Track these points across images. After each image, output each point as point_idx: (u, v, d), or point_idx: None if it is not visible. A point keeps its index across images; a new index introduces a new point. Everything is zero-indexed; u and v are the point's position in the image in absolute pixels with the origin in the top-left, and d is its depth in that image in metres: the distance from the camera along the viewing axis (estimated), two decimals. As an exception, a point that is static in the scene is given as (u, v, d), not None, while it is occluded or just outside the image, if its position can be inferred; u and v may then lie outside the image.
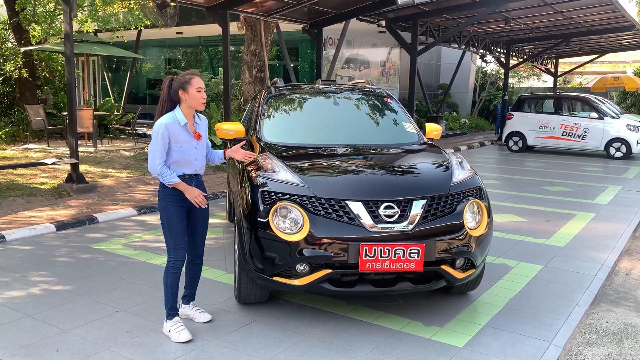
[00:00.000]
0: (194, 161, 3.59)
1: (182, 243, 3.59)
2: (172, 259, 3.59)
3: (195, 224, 3.71)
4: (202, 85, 3.52)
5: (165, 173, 3.48)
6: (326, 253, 3.52)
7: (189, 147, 3.55)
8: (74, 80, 8.02)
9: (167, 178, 3.49)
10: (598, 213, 7.70)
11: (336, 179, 3.91)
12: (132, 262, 5.21)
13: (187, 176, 3.59)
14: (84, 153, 11.88)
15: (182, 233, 3.59)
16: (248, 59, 12.14)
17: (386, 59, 20.83)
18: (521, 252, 5.72)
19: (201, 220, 3.74)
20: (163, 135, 3.45)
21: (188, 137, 3.55)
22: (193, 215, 3.68)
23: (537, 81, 30.36)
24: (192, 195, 3.53)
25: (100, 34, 16.58)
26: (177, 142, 3.51)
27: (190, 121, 3.57)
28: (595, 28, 17.45)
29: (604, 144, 14.45)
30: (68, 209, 7.11)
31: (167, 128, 3.46)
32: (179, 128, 3.51)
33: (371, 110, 5.35)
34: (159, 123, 3.49)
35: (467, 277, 3.88)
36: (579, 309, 4.25)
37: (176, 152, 3.52)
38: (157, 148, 3.46)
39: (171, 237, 3.57)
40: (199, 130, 3.63)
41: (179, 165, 3.55)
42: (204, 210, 3.71)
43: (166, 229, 3.59)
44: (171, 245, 3.58)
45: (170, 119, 3.50)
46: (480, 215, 3.91)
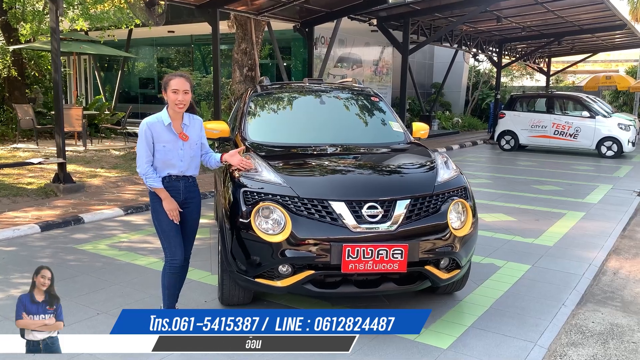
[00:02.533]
0: (178, 162, 3.54)
1: (178, 241, 3.56)
2: (168, 258, 3.57)
3: (183, 227, 3.66)
4: (178, 87, 3.43)
5: (149, 174, 3.47)
6: (309, 254, 3.47)
7: (172, 147, 3.51)
8: (60, 78, 7.95)
9: (149, 180, 3.48)
10: (588, 212, 7.69)
11: (319, 179, 3.87)
12: (116, 263, 5.15)
13: (174, 177, 3.56)
14: (73, 152, 11.81)
15: (176, 232, 3.56)
16: (239, 57, 12.06)
17: (379, 58, 20.80)
18: (509, 251, 5.69)
19: (190, 223, 3.69)
20: (146, 135, 3.47)
21: (172, 137, 3.51)
22: (183, 217, 3.64)
23: (530, 80, 30.42)
24: (167, 206, 3.51)
25: (90, 33, 16.48)
26: (160, 142, 3.49)
27: (176, 121, 3.53)
28: (587, 27, 17.47)
29: (596, 143, 14.47)
30: (54, 209, 7.03)
31: (149, 127, 3.47)
32: (162, 128, 3.49)
33: (358, 109, 5.31)
34: (142, 123, 3.52)
35: (452, 277, 3.84)
36: (565, 309, 4.22)
37: (159, 152, 3.50)
38: (142, 147, 3.48)
39: (165, 238, 3.56)
40: (188, 132, 3.57)
41: (164, 166, 3.52)
42: (194, 213, 3.69)
43: (159, 229, 3.58)
44: (166, 245, 3.58)
45: (154, 119, 3.51)
46: (465, 215, 3.87)
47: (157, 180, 3.48)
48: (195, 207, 3.72)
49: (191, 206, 3.67)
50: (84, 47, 12.91)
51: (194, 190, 3.69)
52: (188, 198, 3.63)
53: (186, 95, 3.47)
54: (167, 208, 3.50)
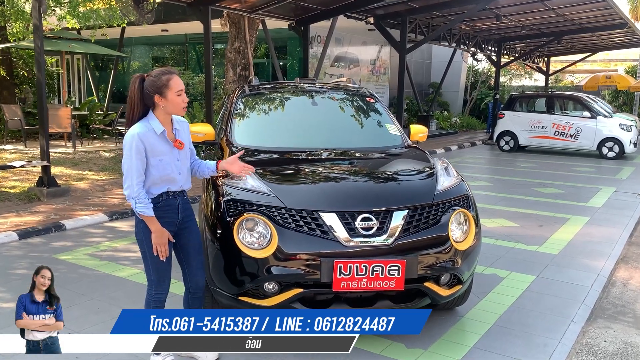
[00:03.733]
0: (177, 176, 3.01)
1: (167, 274, 3.06)
2: (153, 292, 3.06)
3: (186, 250, 3.13)
4: (182, 87, 2.92)
5: (140, 197, 2.87)
6: (297, 271, 3.17)
7: (169, 159, 2.97)
8: (44, 77, 7.64)
9: (141, 206, 2.87)
10: (592, 217, 7.40)
11: (309, 188, 3.56)
12: (95, 274, 4.84)
13: (171, 194, 3.02)
14: (61, 154, 11.49)
15: (168, 262, 3.02)
16: (232, 56, 11.76)
17: (376, 58, 20.50)
18: (512, 260, 5.40)
19: (193, 245, 3.15)
20: (137, 149, 2.85)
21: (167, 148, 2.96)
22: (184, 241, 3.12)
23: (529, 80, 30.15)
24: (157, 240, 2.93)
25: (83, 32, 16.15)
26: (156, 155, 2.91)
27: (167, 128, 2.98)
28: (587, 26, 17.19)
29: (597, 144, 14.19)
30: (35, 214, 6.71)
31: (141, 139, 2.86)
32: (156, 138, 2.91)
33: (352, 111, 5.00)
34: (130, 134, 2.87)
35: (454, 294, 3.54)
36: (574, 327, 3.93)
37: (155, 168, 2.92)
38: (133, 165, 2.85)
39: (154, 269, 3.01)
40: (180, 137, 3.04)
41: (162, 182, 2.97)
42: (193, 232, 3.15)
43: (147, 258, 3.01)
44: (153, 277, 3.03)
45: (144, 128, 2.89)
46: (468, 227, 3.57)
47: (149, 206, 2.89)
48: (192, 230, 3.16)
49: (190, 224, 3.14)
50: (73, 45, 12.59)
51: (189, 207, 3.16)
52: (186, 217, 3.11)
53: (185, 95, 3.00)
54: (156, 242, 2.93)
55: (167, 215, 3.02)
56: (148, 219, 2.92)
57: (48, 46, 12.49)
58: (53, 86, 16.90)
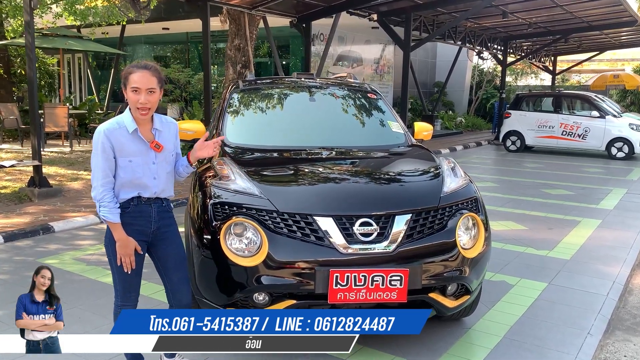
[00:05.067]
0: (151, 181, 2.70)
1: (135, 286, 2.80)
2: (119, 303, 2.80)
3: (165, 264, 2.84)
4: (139, 85, 2.58)
5: (105, 200, 2.61)
6: (289, 281, 2.90)
7: (142, 161, 2.68)
8: (35, 75, 7.39)
9: (104, 210, 2.62)
10: (604, 219, 7.09)
11: (303, 189, 3.28)
12: (79, 280, 4.58)
13: (145, 199, 2.72)
14: (57, 154, 11.27)
15: (135, 274, 2.76)
16: (232, 54, 11.48)
17: (380, 56, 20.19)
18: (522, 266, 5.11)
19: (173, 258, 2.83)
20: (103, 147, 2.60)
21: (141, 148, 2.67)
22: (161, 253, 2.83)
23: (535, 79, 29.78)
24: (122, 250, 2.67)
25: (82, 30, 15.93)
26: (125, 155, 2.64)
27: (144, 126, 2.69)
28: (595, 23, 16.85)
29: (606, 144, 13.84)
30: (23, 216, 6.46)
31: (108, 137, 2.61)
32: (127, 136, 2.64)
33: (352, 107, 4.72)
34: (97, 130, 2.65)
35: (461, 305, 3.26)
36: (591, 340, 3.63)
37: (124, 170, 2.65)
38: (98, 164, 2.61)
39: (119, 279, 2.76)
40: (160, 139, 2.73)
41: (132, 187, 2.69)
42: (172, 243, 2.83)
43: (114, 267, 2.75)
44: (119, 288, 2.78)
45: (113, 125, 2.64)
46: (476, 232, 3.29)
47: (114, 211, 2.63)
48: (172, 241, 2.84)
49: (168, 235, 2.83)
50: (70, 42, 12.34)
51: (169, 216, 2.84)
52: (162, 226, 2.80)
53: (151, 95, 2.61)
54: (120, 253, 2.68)
55: (138, 223, 2.73)
56: (112, 225, 2.67)
57: (44, 43, 12.29)
58: (53, 85, 16.68)
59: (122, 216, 2.68)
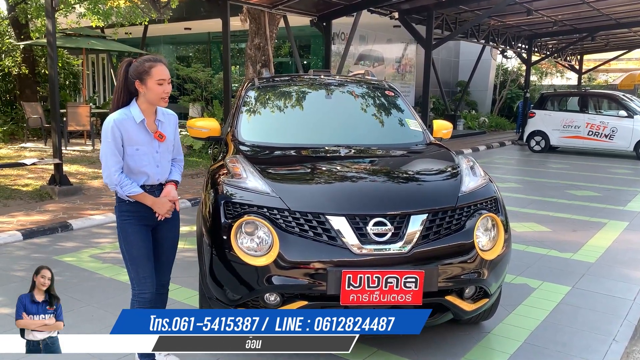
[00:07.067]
0: (154, 169, 2.87)
1: (148, 271, 2.90)
2: (136, 291, 2.90)
3: (161, 246, 2.99)
4: (164, 77, 2.77)
5: (124, 182, 2.78)
6: (300, 281, 2.82)
7: (147, 150, 2.84)
8: (56, 74, 7.43)
9: (127, 188, 2.79)
10: (631, 222, 6.87)
11: (315, 188, 3.21)
12: (95, 277, 4.58)
13: (147, 187, 2.87)
14: (79, 152, 11.40)
15: (147, 259, 2.89)
16: (252, 53, 11.46)
17: (402, 56, 20.02)
18: (545, 269, 4.95)
19: (169, 241, 3.02)
20: (114, 135, 2.76)
21: (146, 138, 2.84)
22: (160, 235, 2.98)
23: (560, 79, 29.22)
24: (162, 208, 2.85)
25: (106, 31, 16.12)
26: (132, 144, 2.81)
27: (149, 118, 2.86)
28: (623, 21, 16.43)
29: (634, 145, 13.46)
30: (43, 214, 6.51)
31: (118, 126, 2.77)
32: (135, 126, 2.80)
33: (369, 104, 4.62)
34: (107, 120, 2.79)
35: (479, 308, 3.15)
36: (616, 346, 3.49)
37: (131, 158, 2.81)
38: (110, 151, 2.77)
39: (133, 266, 2.89)
40: (162, 130, 2.90)
41: (135, 175, 2.85)
42: (171, 232, 3.02)
43: (126, 255, 2.90)
44: (133, 275, 2.90)
45: (122, 115, 2.80)
46: (496, 233, 3.17)
47: (135, 184, 2.81)
48: (173, 226, 3.01)
49: (168, 223, 2.97)
50: (92, 42, 12.47)
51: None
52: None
53: (170, 85, 2.83)
54: (162, 210, 2.85)
55: (143, 209, 2.87)
56: (140, 196, 2.83)
57: (68, 43, 12.43)
58: (77, 85, 16.90)
59: (131, 204, 2.85)
